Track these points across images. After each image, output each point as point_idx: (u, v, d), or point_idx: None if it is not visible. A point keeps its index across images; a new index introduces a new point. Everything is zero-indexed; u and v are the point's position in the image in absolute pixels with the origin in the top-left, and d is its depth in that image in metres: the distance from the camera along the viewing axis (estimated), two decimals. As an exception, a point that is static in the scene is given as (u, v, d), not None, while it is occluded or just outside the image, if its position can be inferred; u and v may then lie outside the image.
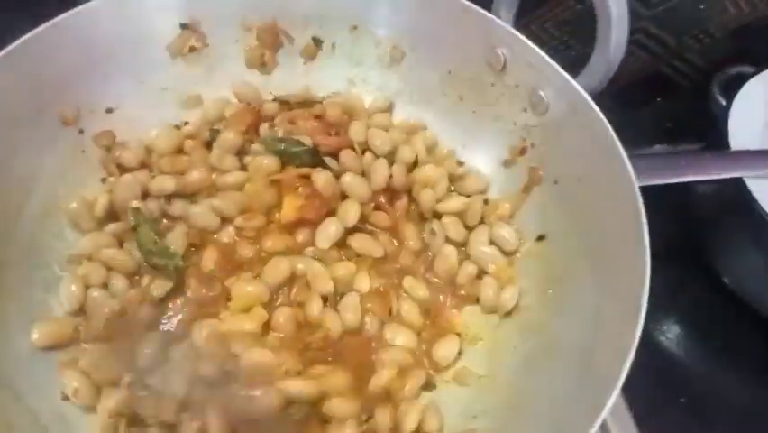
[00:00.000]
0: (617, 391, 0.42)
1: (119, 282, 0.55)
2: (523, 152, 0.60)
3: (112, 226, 0.57)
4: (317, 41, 0.66)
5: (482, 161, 0.63)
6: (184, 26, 0.63)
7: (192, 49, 0.65)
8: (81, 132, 0.61)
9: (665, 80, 0.76)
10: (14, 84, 0.55)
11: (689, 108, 0.77)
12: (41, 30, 0.56)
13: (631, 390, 0.54)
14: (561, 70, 0.53)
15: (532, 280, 0.57)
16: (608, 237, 0.51)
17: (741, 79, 0.72)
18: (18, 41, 0.55)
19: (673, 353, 0.67)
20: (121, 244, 0.57)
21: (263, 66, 0.66)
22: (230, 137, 0.61)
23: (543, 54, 0.54)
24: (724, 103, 0.72)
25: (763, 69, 0.72)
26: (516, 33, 0.55)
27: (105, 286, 0.55)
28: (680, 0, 0.68)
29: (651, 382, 0.42)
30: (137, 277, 0.57)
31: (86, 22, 0.58)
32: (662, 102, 0.78)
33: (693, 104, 0.76)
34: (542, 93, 0.56)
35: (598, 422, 0.41)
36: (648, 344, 0.43)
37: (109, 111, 0.62)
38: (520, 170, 0.60)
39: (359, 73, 0.67)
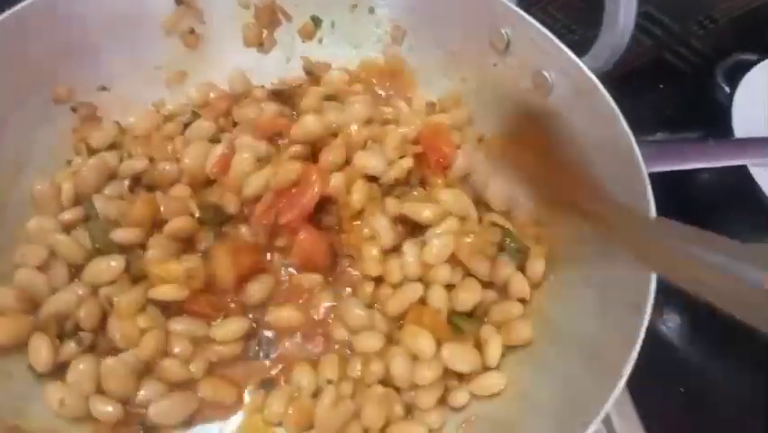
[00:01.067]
0: (621, 383, 0.41)
1: (59, 270, 0.52)
2: (526, 135, 0.59)
3: (65, 214, 0.54)
4: (316, 20, 0.65)
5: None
6: (179, 3, 0.62)
7: (189, 29, 0.63)
8: (74, 110, 0.60)
9: (668, 67, 0.75)
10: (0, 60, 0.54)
11: (692, 95, 0.76)
12: (29, 4, 0.54)
13: (630, 380, 0.54)
14: (566, 50, 0.52)
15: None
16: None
17: (745, 67, 0.71)
18: (4, 15, 0.53)
19: (673, 342, 0.66)
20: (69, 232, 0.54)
21: (261, 45, 0.65)
22: (204, 126, 0.59)
23: (548, 34, 0.53)
24: (728, 90, 0.72)
25: (767, 57, 0.72)
26: (521, 12, 0.54)
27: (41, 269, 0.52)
28: (685, -16, 0.67)
29: (650, 372, 0.41)
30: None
31: (78, -4, 0.57)
32: (665, 88, 0.77)
33: (696, 91, 0.75)
34: (546, 74, 0.54)
35: (603, 413, 0.41)
36: (647, 333, 0.42)
37: (103, 89, 0.61)
38: (522, 153, 0.59)
39: (358, 54, 0.66)
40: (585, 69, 0.52)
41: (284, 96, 0.61)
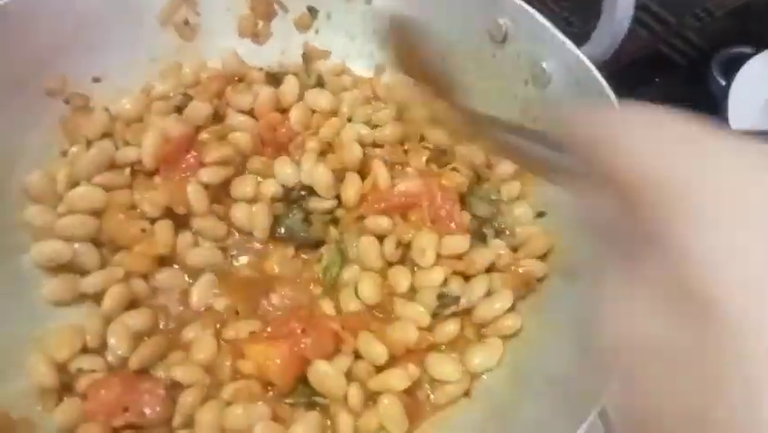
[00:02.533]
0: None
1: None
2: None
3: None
4: (312, 11, 0.64)
5: (482, 135, 0.62)
6: (175, -7, 0.61)
7: (184, 21, 0.63)
8: (67, 102, 0.59)
9: (664, 59, 0.75)
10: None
11: (687, 88, 0.76)
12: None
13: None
14: (565, 40, 0.52)
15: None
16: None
17: (741, 59, 0.71)
18: (-3, 6, 0.52)
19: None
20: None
21: (256, 36, 0.65)
22: (198, 107, 0.58)
23: (546, 23, 0.53)
24: (723, 83, 0.72)
25: (762, 50, 0.72)
26: (519, 2, 0.54)
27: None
28: (681, -23, 0.67)
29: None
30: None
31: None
32: (661, 81, 0.77)
33: (692, 83, 0.75)
34: (544, 65, 0.54)
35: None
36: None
37: (96, 80, 0.60)
38: (520, 144, 0.59)
39: (355, 45, 0.65)
40: (583, 57, 0.52)
41: (280, 80, 0.61)
